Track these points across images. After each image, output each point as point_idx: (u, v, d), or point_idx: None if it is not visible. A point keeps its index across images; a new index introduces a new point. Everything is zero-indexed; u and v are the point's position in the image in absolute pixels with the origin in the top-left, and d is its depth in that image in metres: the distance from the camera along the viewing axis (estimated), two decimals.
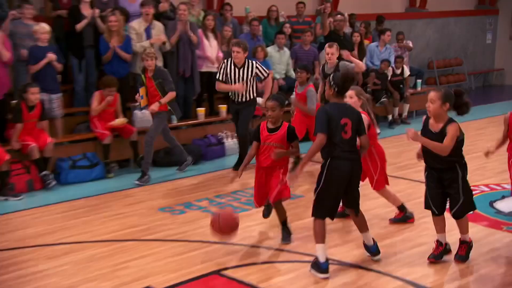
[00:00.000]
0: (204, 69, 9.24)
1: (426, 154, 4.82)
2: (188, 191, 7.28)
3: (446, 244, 4.94)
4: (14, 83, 7.77)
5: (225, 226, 4.98)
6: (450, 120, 4.67)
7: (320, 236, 4.78)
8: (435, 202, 4.89)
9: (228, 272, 4.93)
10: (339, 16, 9.81)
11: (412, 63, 13.31)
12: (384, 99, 11.15)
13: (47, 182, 7.20)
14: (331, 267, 4.80)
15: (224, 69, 7.77)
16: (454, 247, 5.03)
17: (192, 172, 8.14)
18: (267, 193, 5.40)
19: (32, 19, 7.97)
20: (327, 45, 8.08)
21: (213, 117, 9.45)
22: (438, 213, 4.90)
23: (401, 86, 11.53)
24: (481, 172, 7.79)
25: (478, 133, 10.25)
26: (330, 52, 7.94)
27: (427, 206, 4.97)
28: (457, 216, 4.85)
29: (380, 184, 5.82)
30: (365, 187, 5.65)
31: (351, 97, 5.59)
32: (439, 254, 4.91)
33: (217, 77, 7.86)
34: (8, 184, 6.89)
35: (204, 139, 9.02)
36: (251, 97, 7.91)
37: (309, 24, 11.66)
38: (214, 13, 10.08)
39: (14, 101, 7.29)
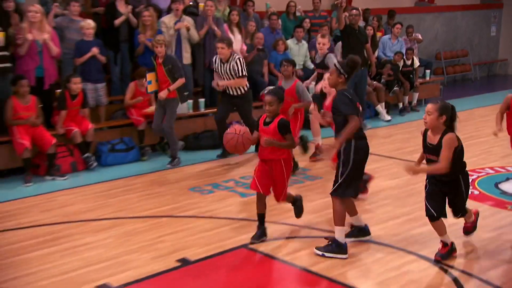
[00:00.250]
0: None
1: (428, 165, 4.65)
2: (216, 173, 7.34)
3: (452, 243, 4.74)
4: (60, 74, 7.88)
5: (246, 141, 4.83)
6: (446, 131, 4.42)
7: (342, 218, 4.77)
8: (436, 207, 4.61)
9: (255, 246, 5.04)
10: (354, 11, 9.76)
11: (421, 55, 13.26)
12: (396, 88, 11.19)
13: (89, 164, 7.34)
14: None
15: (214, 63, 7.59)
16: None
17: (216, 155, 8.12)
18: (270, 184, 5.03)
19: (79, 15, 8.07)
20: (319, 35, 7.78)
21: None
22: (437, 218, 4.64)
23: (411, 76, 11.53)
24: (486, 156, 7.86)
25: (483, 120, 10.23)
26: (322, 42, 7.63)
27: (428, 213, 4.65)
28: (464, 215, 4.84)
29: None
30: None
31: (324, 80, 5.66)
32: (446, 253, 4.71)
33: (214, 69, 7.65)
34: (54, 165, 7.04)
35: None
36: (245, 89, 7.64)
37: (325, 18, 11.67)
38: (238, 8, 10.12)
39: (58, 90, 7.44)
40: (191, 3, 9.49)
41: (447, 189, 4.59)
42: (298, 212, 5.44)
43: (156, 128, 7.62)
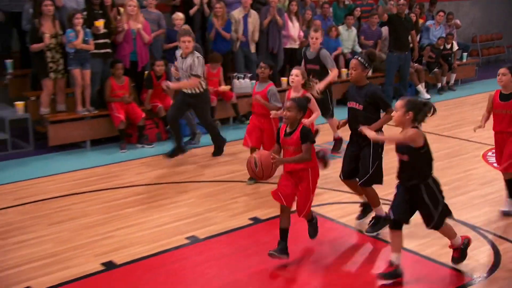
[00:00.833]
0: (288, 46, 9.25)
1: (399, 169, 3.86)
2: None
3: (398, 266, 3.84)
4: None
5: (265, 168, 3.98)
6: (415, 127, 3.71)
7: (377, 199, 4.62)
8: (398, 210, 3.83)
9: (314, 209, 5.01)
10: (401, 0, 9.61)
11: (458, 38, 12.85)
12: (436, 70, 11.00)
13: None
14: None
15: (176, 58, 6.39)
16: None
17: None
18: (294, 195, 4.14)
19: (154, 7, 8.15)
20: (312, 29, 6.66)
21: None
22: (396, 226, 3.85)
23: (449, 58, 11.27)
24: None
25: None
26: (315, 36, 6.43)
27: (389, 216, 3.90)
28: (436, 228, 3.91)
29: None
30: None
31: (297, 76, 5.17)
32: (388, 273, 3.84)
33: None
34: (143, 135, 7.31)
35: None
36: (201, 89, 6.29)
37: (372, 6, 11.45)
38: None
39: (146, 72, 7.70)
40: None
41: (408, 196, 3.84)
42: (314, 232, 4.45)
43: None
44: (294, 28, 9.27)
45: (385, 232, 4.62)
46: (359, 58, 4.40)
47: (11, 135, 6.99)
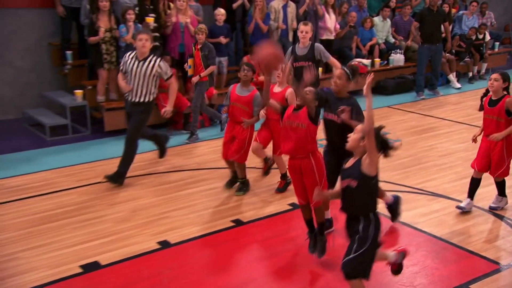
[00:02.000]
0: (324, 37, 9.26)
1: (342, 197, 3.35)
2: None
3: (396, 260, 3.64)
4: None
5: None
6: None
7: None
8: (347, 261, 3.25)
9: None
10: None
11: (491, 27, 12.53)
12: (468, 59, 10.81)
13: (213, 121, 7.78)
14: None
15: (123, 62, 5.46)
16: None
17: None
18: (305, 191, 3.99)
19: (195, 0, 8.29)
20: (301, 23, 5.99)
21: (328, 74, 9.43)
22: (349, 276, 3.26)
23: (481, 48, 11.04)
24: None
25: None
26: (305, 30, 5.77)
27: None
28: (347, 274, 3.24)
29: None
30: None
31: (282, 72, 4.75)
32: (395, 270, 3.69)
33: (120, 68, 5.54)
34: (188, 122, 7.49)
35: (320, 91, 9.17)
36: (147, 99, 5.41)
37: None
38: None
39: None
40: None
41: (348, 231, 3.35)
42: (321, 250, 4.14)
43: (194, 106, 7.21)
44: (330, 20, 9.28)
45: (413, 213, 4.72)
46: (345, 69, 4.19)
47: (71, 120, 7.34)
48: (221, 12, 8.13)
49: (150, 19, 7.29)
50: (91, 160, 6.40)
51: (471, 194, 4.91)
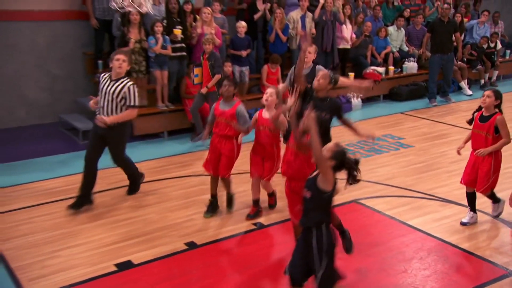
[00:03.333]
0: (340, 46, 9.36)
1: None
2: (337, 137, 7.30)
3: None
4: None
5: None
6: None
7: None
8: (293, 268, 3.30)
9: (363, 201, 5.31)
10: (446, 5, 9.48)
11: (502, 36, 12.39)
12: (480, 67, 10.75)
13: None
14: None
15: (99, 81, 5.03)
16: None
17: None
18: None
19: (219, 12, 8.37)
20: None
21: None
22: (293, 283, 3.31)
23: (492, 56, 10.95)
24: None
25: None
26: (308, 50, 5.26)
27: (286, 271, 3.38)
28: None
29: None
30: None
31: (271, 96, 4.59)
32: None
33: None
34: None
35: (337, 98, 9.15)
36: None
37: (419, 6, 11.24)
38: (350, 0, 10.03)
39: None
40: None
41: (306, 249, 3.25)
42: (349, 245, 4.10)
43: (193, 110, 7.17)
44: (347, 30, 9.33)
45: (427, 218, 4.76)
46: (329, 72, 4.37)
47: None
48: (242, 24, 8.25)
49: (178, 31, 7.45)
50: None
51: (472, 207, 4.85)
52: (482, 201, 4.96)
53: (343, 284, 3.46)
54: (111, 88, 4.83)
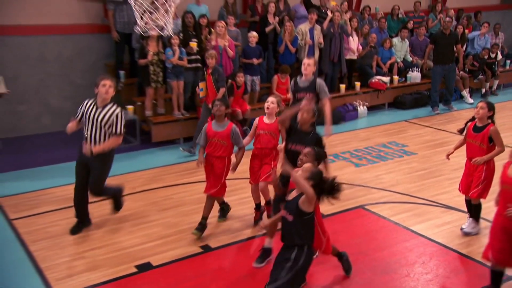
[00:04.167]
0: (347, 57, 9.37)
1: (282, 228, 3.38)
2: (335, 145, 7.41)
3: None
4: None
5: None
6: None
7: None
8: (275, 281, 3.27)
9: (369, 207, 5.35)
10: (448, 18, 9.50)
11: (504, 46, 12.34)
12: (481, 76, 10.76)
13: (247, 134, 7.98)
14: None
15: (81, 108, 4.65)
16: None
17: (335, 130, 7.99)
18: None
19: (233, 25, 8.42)
20: (306, 56, 5.42)
21: (351, 90, 9.49)
22: None
23: (493, 66, 10.92)
24: None
25: None
26: (307, 63, 5.33)
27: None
28: None
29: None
30: None
31: (272, 103, 4.58)
32: None
33: (76, 116, 4.67)
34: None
35: (344, 106, 9.18)
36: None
37: (422, 18, 11.25)
38: (357, 16, 10.06)
39: (229, 81, 8.10)
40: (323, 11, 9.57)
41: (279, 257, 3.36)
42: (348, 267, 4.12)
43: (200, 124, 6.91)
44: (353, 42, 9.38)
45: (428, 224, 4.79)
46: (313, 108, 4.18)
47: None
48: (253, 34, 8.33)
49: (194, 44, 7.56)
50: (141, 169, 6.68)
51: (470, 214, 4.87)
52: (485, 206, 4.97)
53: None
54: (98, 115, 4.51)
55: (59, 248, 4.57)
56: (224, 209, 5.13)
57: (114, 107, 4.57)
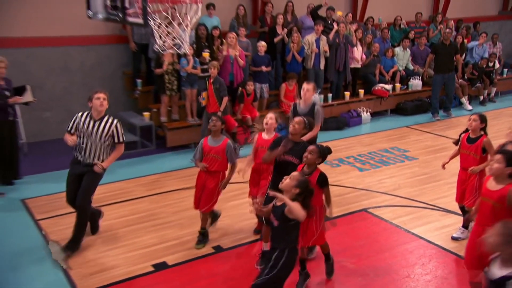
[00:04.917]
0: (352, 66, 9.38)
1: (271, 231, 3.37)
2: (340, 150, 7.47)
3: None
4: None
5: None
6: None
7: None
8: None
9: (371, 210, 5.38)
10: (448, 29, 9.50)
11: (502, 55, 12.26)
12: (479, 84, 10.72)
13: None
14: None
15: (74, 121, 4.48)
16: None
17: (340, 135, 8.30)
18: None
19: (244, 36, 8.52)
20: (305, 82, 5.33)
21: (355, 98, 9.48)
22: None
23: (491, 74, 10.88)
24: None
25: None
26: (306, 88, 5.10)
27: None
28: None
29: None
30: None
31: (271, 119, 4.55)
32: None
33: (67, 128, 4.52)
34: (236, 140, 7.65)
35: (348, 112, 9.18)
36: (102, 160, 4.50)
37: (423, 28, 11.23)
38: (362, 27, 10.07)
39: (239, 89, 8.19)
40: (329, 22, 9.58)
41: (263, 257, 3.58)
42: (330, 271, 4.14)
43: (202, 132, 6.98)
44: (358, 51, 9.41)
45: (428, 227, 4.81)
46: (305, 119, 4.15)
47: (140, 137, 7.77)
48: (262, 44, 8.39)
49: (206, 54, 7.64)
50: (157, 172, 6.76)
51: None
52: None
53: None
54: (97, 129, 4.37)
55: (83, 247, 4.65)
56: (205, 235, 4.78)
57: (111, 119, 4.46)
